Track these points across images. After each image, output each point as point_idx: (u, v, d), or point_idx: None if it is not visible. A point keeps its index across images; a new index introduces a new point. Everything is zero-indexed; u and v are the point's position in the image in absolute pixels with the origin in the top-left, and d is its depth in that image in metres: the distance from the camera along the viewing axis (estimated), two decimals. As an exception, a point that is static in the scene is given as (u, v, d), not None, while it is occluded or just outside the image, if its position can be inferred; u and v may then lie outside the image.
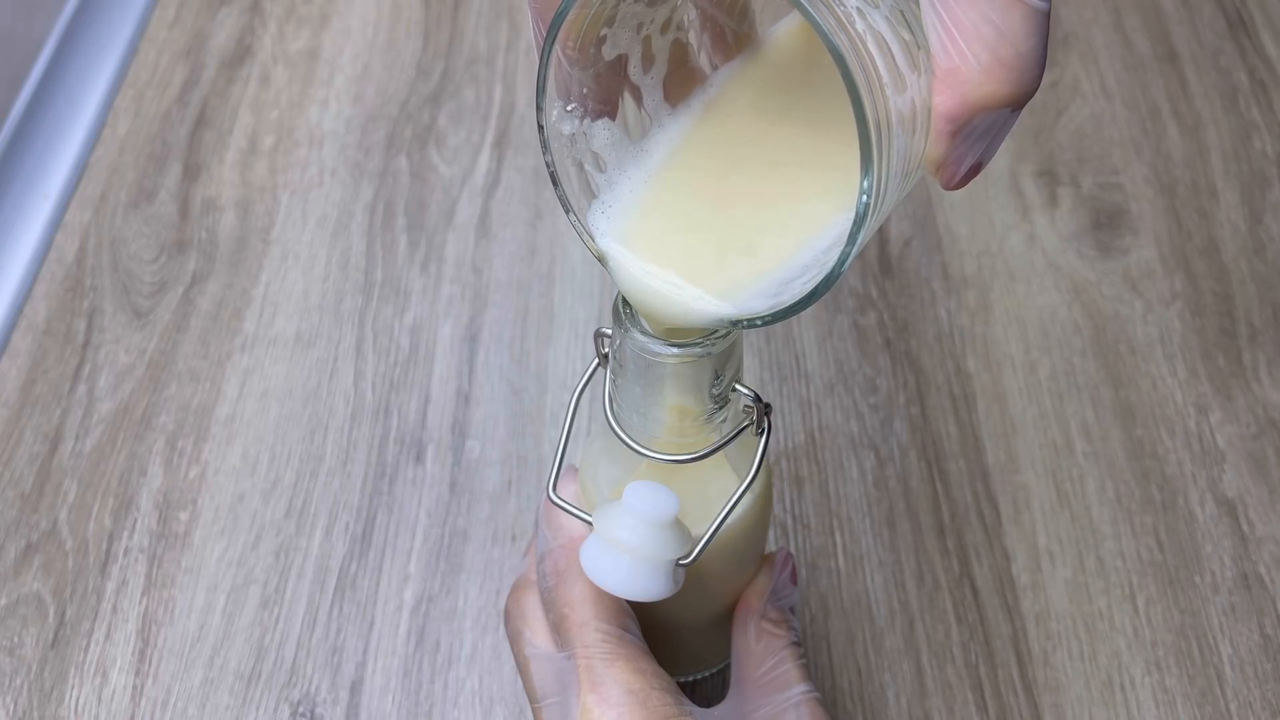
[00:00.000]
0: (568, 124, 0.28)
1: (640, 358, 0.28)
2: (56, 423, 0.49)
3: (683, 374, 0.29)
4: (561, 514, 0.35)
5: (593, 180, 0.29)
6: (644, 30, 0.27)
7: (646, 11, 0.26)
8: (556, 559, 0.34)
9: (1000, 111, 0.25)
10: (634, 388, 0.29)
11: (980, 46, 0.24)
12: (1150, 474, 0.47)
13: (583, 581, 0.33)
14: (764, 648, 0.35)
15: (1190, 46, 0.62)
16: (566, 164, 0.28)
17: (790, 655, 0.35)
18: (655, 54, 0.28)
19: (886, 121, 0.23)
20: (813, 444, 0.48)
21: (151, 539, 0.45)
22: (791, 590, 0.37)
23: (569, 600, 0.33)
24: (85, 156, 0.58)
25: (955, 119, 0.25)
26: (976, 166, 0.26)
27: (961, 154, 0.26)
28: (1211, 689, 0.41)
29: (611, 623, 0.32)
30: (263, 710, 0.41)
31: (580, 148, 0.28)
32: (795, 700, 0.34)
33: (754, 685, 0.35)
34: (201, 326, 0.52)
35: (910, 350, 0.50)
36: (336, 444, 0.48)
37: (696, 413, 0.30)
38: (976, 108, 0.25)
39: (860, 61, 0.22)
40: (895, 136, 0.23)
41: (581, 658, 0.32)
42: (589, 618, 0.32)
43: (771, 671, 0.35)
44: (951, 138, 0.25)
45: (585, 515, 0.33)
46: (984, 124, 0.25)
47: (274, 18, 0.65)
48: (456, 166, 0.57)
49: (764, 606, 0.36)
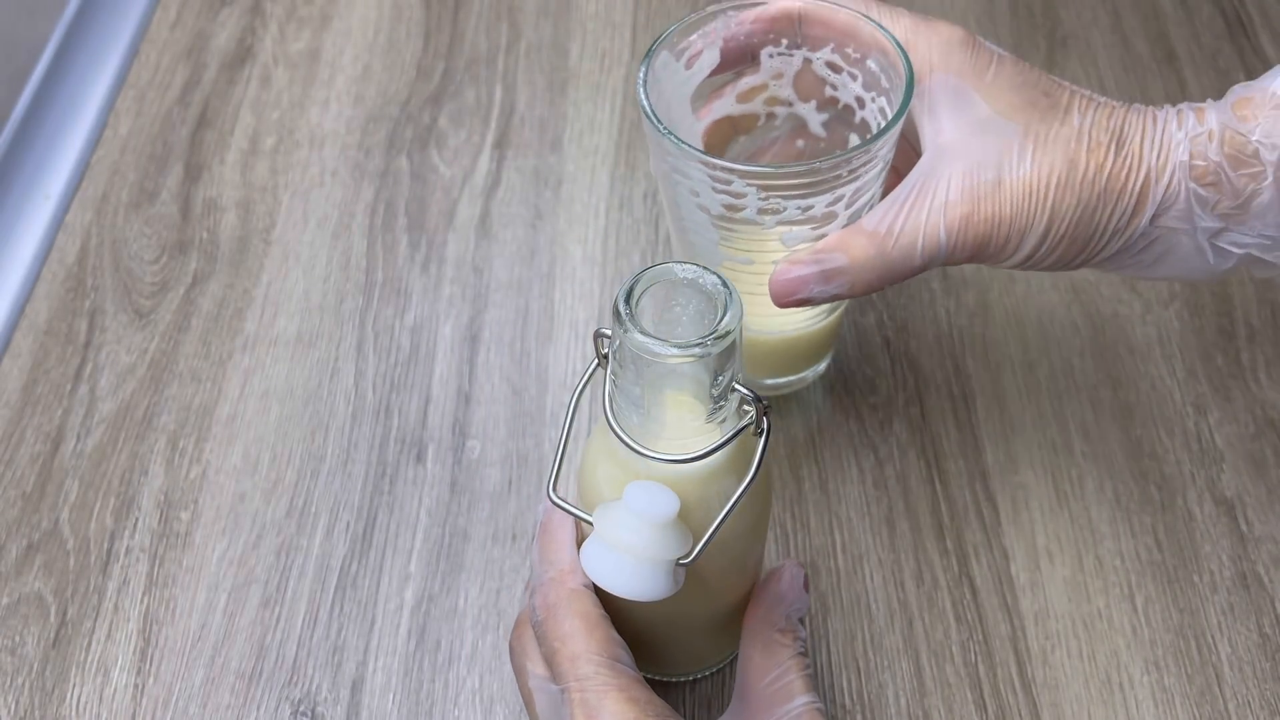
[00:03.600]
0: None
1: (640, 358, 0.28)
2: (58, 422, 0.49)
3: (682, 374, 0.29)
4: (552, 546, 0.35)
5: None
6: None
7: None
8: (546, 593, 0.34)
9: (838, 287, 0.36)
10: (634, 388, 0.29)
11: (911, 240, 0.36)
12: (1149, 474, 0.47)
13: (573, 616, 0.33)
14: (769, 658, 0.35)
15: (1189, 47, 0.62)
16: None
17: (795, 666, 0.35)
18: None
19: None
20: (812, 444, 0.48)
21: (153, 538, 0.45)
22: (804, 601, 0.37)
23: (559, 635, 0.33)
24: (87, 157, 0.59)
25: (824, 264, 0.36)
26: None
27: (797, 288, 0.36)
28: (1210, 688, 0.41)
29: (603, 654, 0.33)
30: (264, 709, 0.41)
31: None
32: (797, 712, 0.34)
33: (757, 696, 0.35)
34: (203, 326, 0.52)
35: (909, 350, 0.50)
36: (337, 444, 0.48)
37: (696, 413, 0.30)
38: (839, 271, 0.36)
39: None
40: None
41: (575, 691, 0.32)
42: (580, 651, 0.33)
43: (776, 683, 0.35)
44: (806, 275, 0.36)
45: (585, 515, 0.33)
46: (826, 288, 0.36)
47: (275, 18, 0.65)
48: (457, 167, 0.58)
49: (773, 616, 0.36)
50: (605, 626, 0.33)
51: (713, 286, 0.29)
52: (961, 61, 0.36)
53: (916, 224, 0.35)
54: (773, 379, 0.48)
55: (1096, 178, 0.35)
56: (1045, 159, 0.35)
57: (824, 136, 0.42)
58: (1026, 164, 0.35)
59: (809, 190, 0.36)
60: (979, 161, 0.35)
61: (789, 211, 0.36)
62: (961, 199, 0.35)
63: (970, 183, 0.35)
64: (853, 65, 0.39)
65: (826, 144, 0.43)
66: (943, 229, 0.35)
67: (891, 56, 0.37)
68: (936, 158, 0.36)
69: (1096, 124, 0.35)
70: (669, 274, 0.29)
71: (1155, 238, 0.36)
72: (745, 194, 0.36)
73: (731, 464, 0.32)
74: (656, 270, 0.29)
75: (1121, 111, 0.36)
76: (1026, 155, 0.35)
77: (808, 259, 0.36)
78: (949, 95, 0.36)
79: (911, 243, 0.35)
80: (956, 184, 0.35)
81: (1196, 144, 0.34)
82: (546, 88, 0.61)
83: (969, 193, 0.35)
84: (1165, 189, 0.35)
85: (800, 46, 0.40)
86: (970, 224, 0.35)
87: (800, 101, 0.42)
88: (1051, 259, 0.36)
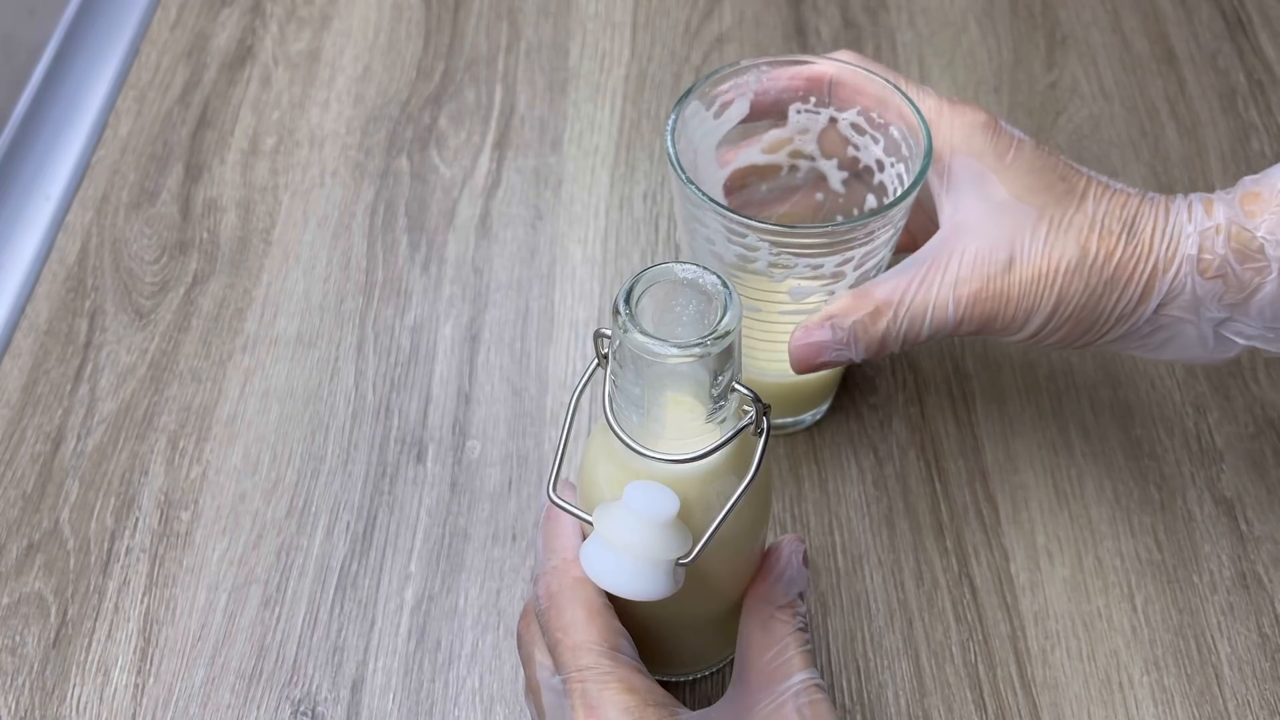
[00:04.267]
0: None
1: (640, 358, 0.28)
2: (58, 422, 0.49)
3: (682, 374, 0.29)
4: (556, 535, 0.35)
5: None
6: None
7: None
8: (549, 582, 0.34)
9: (849, 354, 0.38)
10: (634, 388, 0.29)
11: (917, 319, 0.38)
12: (1148, 473, 0.47)
13: (574, 605, 0.33)
14: (768, 635, 0.35)
15: (1188, 47, 0.62)
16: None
17: (794, 642, 0.35)
18: None
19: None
20: (812, 443, 0.48)
21: (153, 538, 0.46)
22: (803, 575, 0.37)
23: (561, 625, 0.33)
24: (87, 157, 0.59)
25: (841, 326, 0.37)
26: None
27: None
28: (1209, 688, 0.41)
29: (604, 644, 0.33)
30: (264, 709, 0.41)
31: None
32: (796, 688, 0.34)
33: (757, 674, 0.35)
34: (203, 327, 0.52)
35: (909, 350, 0.50)
36: (337, 444, 0.48)
37: (696, 413, 0.30)
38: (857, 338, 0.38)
39: None
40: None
41: (575, 681, 0.32)
42: (581, 641, 0.33)
43: (775, 660, 0.34)
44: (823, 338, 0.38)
45: (585, 515, 0.33)
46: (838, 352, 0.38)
47: (275, 19, 0.65)
48: (457, 167, 0.58)
49: (772, 593, 0.36)
50: (607, 615, 0.33)
51: (713, 286, 0.29)
52: (983, 145, 0.37)
53: (927, 297, 0.37)
54: (774, 420, 0.48)
55: (1105, 264, 0.36)
56: (1058, 244, 0.36)
57: (843, 193, 0.44)
58: (1040, 247, 0.36)
59: (822, 250, 0.37)
60: (994, 241, 0.37)
61: (799, 268, 0.37)
62: (973, 276, 0.36)
63: (983, 260, 0.36)
64: (876, 129, 0.40)
65: (845, 200, 0.44)
66: (951, 303, 0.37)
67: (914, 127, 0.38)
68: (952, 234, 0.37)
69: (1110, 212, 0.37)
70: (669, 274, 0.29)
71: (1160, 325, 0.37)
72: (759, 248, 0.37)
73: (731, 464, 0.32)
74: (656, 270, 0.29)
75: (1135, 201, 0.37)
76: (1040, 238, 0.36)
77: (822, 324, 0.38)
78: (969, 176, 0.37)
79: (921, 314, 0.37)
80: (969, 260, 0.37)
81: (1205, 238, 0.36)
82: (546, 88, 0.61)
83: (980, 270, 0.36)
84: (1172, 281, 0.36)
85: (828, 105, 0.41)
86: (979, 300, 0.37)
87: (823, 158, 0.43)
88: (1056, 338, 0.38)
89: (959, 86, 0.61)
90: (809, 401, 0.47)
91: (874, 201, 0.42)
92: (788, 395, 0.46)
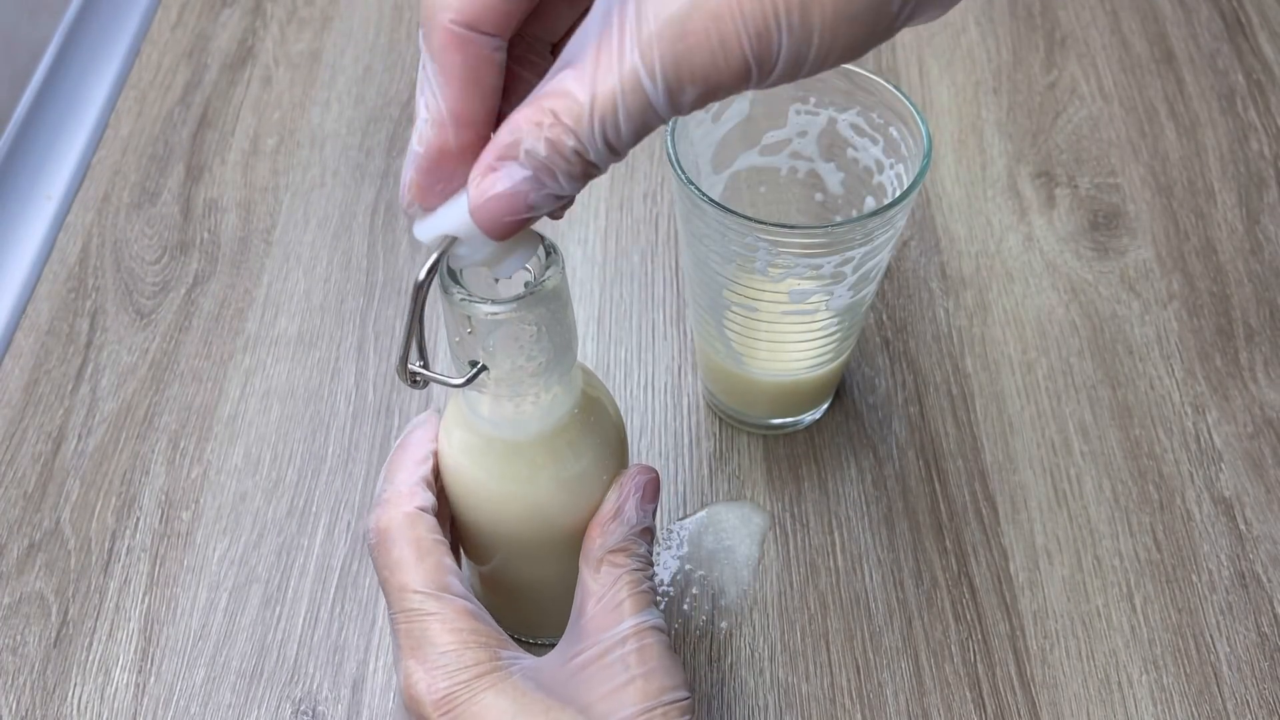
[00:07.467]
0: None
1: (465, 318, 0.29)
2: (59, 422, 0.49)
3: (504, 328, 0.30)
4: (398, 468, 0.34)
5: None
6: None
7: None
8: (379, 515, 0.33)
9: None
10: (471, 349, 0.30)
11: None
12: (1147, 473, 0.47)
13: (403, 543, 0.32)
14: (597, 580, 0.32)
15: (1187, 48, 0.62)
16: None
17: (627, 585, 0.32)
18: None
19: None
20: (811, 443, 0.48)
21: (154, 538, 0.46)
22: (644, 512, 0.33)
23: (389, 563, 0.32)
24: (88, 157, 0.59)
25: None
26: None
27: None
28: (1209, 687, 0.41)
29: (430, 584, 0.31)
30: (265, 708, 0.41)
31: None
32: (625, 633, 0.31)
33: (586, 623, 0.32)
34: (204, 327, 0.52)
35: (908, 350, 0.50)
36: (338, 443, 0.48)
37: (526, 370, 0.30)
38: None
39: None
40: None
41: (401, 622, 0.31)
42: (408, 581, 0.32)
43: (605, 605, 0.32)
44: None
45: (446, 379, 0.30)
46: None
47: (276, 19, 0.65)
48: (457, 167, 0.58)
49: (605, 534, 0.33)
50: (438, 553, 0.32)
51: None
52: None
53: (610, 74, 0.23)
54: (773, 419, 0.48)
55: None
56: None
57: (841, 194, 0.44)
58: None
59: (821, 251, 0.37)
60: None
61: (798, 269, 0.37)
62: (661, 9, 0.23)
63: None
64: (875, 130, 0.40)
65: (844, 201, 0.44)
66: (643, 68, 0.23)
67: (912, 126, 0.38)
68: None
69: None
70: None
71: None
72: (758, 248, 0.37)
73: (586, 437, 0.33)
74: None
75: None
76: None
77: (501, 161, 0.25)
78: None
79: (610, 100, 0.24)
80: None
81: None
82: (547, 88, 0.61)
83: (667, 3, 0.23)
84: None
85: (827, 106, 0.41)
86: (675, 43, 0.23)
87: (821, 159, 0.43)
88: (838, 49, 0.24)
89: (958, 87, 0.61)
90: (808, 401, 0.47)
91: (873, 203, 0.42)
92: (787, 395, 0.46)
